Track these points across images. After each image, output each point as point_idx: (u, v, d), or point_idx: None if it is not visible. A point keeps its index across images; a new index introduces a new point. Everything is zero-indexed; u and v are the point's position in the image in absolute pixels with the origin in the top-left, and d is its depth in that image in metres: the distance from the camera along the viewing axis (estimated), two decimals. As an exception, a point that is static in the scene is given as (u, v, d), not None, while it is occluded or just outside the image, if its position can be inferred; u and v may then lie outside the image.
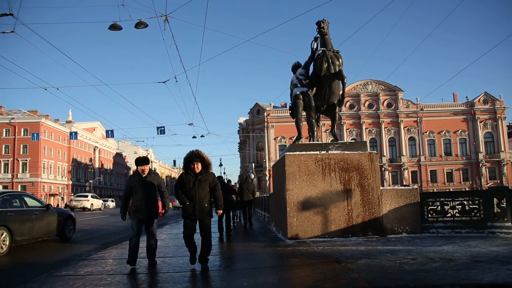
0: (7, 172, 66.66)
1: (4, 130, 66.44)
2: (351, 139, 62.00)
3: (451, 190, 54.49)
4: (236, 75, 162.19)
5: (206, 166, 6.42)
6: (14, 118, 67.23)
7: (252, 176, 39.46)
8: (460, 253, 6.83)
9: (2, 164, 66.79)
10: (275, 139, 66.09)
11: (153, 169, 7.34)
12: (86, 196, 42.33)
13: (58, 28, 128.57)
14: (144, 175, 6.83)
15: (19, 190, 55.55)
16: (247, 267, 6.75)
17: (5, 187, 63.01)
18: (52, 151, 71.34)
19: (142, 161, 6.92)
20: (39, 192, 61.27)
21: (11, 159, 66.54)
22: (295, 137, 11.35)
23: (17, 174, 66.49)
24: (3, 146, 66.41)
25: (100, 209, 41.90)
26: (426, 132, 66.46)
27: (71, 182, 77.15)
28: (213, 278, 5.69)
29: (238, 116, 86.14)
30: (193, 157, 6.37)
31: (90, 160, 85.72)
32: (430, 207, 9.91)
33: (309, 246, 8.34)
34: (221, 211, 6.73)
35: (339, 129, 63.41)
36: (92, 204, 40.50)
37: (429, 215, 9.84)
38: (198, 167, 6.32)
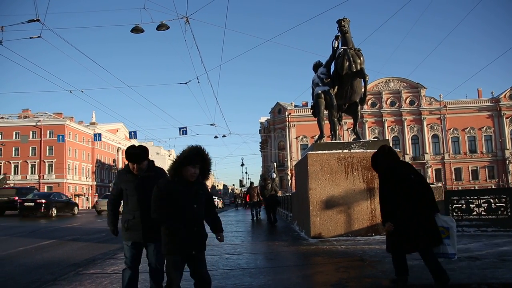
0: (34, 173, 68.46)
1: (31, 132, 68.28)
2: (374, 138, 61.17)
3: (476, 188, 53.46)
4: (257, 74, 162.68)
5: (205, 173, 3.86)
6: (40, 120, 69.03)
7: (274, 175, 39.76)
8: (486, 252, 6.73)
9: (29, 165, 68.61)
10: (296, 138, 66.01)
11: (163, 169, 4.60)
12: None
13: (81, 32, 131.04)
14: (140, 174, 4.19)
15: (45, 190, 56.88)
16: (271, 266, 6.79)
17: (32, 187, 64.49)
18: (77, 152, 72.88)
19: (134, 156, 4.15)
20: (65, 192, 62.39)
21: (38, 160, 68.35)
22: (317, 136, 11.35)
23: (43, 175, 68.23)
24: (30, 148, 68.31)
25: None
26: (450, 129, 65.31)
27: (95, 183, 78.70)
28: (237, 276, 5.74)
29: (259, 116, 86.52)
30: (194, 156, 3.70)
31: (114, 161, 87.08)
32: (455, 205, 9.76)
33: (332, 245, 8.34)
34: (222, 237, 3.94)
35: (361, 127, 62.93)
36: None
37: (454, 214, 9.70)
38: (197, 173, 3.73)
